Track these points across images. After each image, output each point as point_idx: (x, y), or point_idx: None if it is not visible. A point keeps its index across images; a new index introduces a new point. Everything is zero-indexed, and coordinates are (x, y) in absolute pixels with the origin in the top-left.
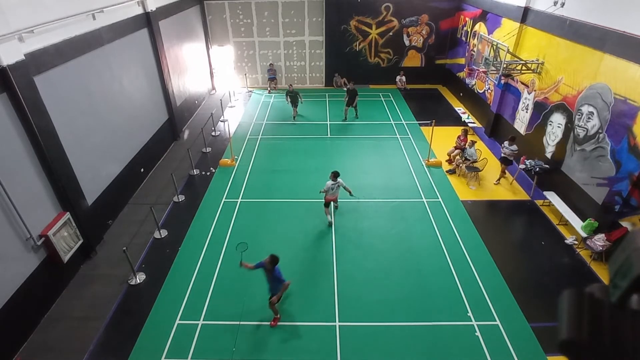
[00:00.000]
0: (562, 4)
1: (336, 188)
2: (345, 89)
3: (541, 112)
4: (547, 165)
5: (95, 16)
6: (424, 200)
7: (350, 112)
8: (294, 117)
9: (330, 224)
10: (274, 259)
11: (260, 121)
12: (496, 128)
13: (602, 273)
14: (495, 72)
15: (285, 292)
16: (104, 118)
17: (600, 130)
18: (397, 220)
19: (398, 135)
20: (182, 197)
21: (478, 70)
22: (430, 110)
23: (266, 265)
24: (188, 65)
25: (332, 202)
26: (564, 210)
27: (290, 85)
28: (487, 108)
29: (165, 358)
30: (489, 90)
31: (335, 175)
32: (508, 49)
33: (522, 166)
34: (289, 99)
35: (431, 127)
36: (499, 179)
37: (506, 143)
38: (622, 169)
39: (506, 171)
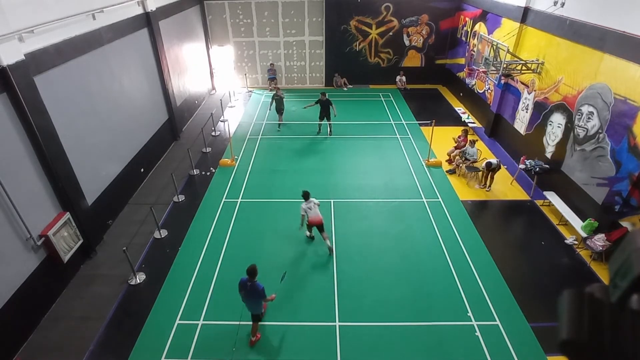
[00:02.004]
0: (562, 4)
1: (314, 207)
2: (346, 88)
3: (541, 112)
4: (547, 165)
5: (95, 16)
6: (424, 200)
7: (325, 126)
8: (279, 125)
9: (311, 237)
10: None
11: (260, 121)
12: (496, 128)
13: (602, 273)
14: (495, 72)
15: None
16: (104, 118)
17: (600, 130)
18: (397, 220)
19: (398, 135)
20: (182, 197)
21: (478, 70)
22: (430, 110)
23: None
24: (188, 65)
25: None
26: (564, 210)
27: (278, 88)
28: (487, 108)
29: (165, 358)
30: (489, 90)
31: (304, 195)
32: (508, 49)
33: (522, 166)
34: (273, 105)
35: (431, 127)
36: (489, 185)
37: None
38: (622, 169)
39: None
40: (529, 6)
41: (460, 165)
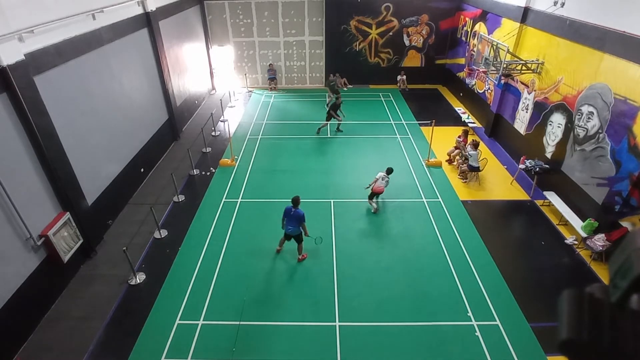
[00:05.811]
0: (562, 4)
1: (385, 182)
2: (346, 88)
3: (541, 112)
4: (547, 165)
5: (95, 16)
6: (424, 200)
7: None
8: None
9: (375, 210)
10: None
11: (260, 121)
12: (496, 128)
13: (602, 273)
14: (495, 72)
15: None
16: (104, 118)
17: (600, 130)
18: (397, 220)
19: (398, 135)
20: (182, 197)
21: (478, 70)
22: (430, 110)
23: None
24: (188, 65)
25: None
26: (564, 210)
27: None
28: (487, 108)
29: (165, 358)
30: (489, 90)
31: (388, 171)
32: (508, 49)
33: (522, 166)
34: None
35: (431, 127)
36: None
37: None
38: (622, 169)
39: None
40: (529, 6)
41: (461, 166)
